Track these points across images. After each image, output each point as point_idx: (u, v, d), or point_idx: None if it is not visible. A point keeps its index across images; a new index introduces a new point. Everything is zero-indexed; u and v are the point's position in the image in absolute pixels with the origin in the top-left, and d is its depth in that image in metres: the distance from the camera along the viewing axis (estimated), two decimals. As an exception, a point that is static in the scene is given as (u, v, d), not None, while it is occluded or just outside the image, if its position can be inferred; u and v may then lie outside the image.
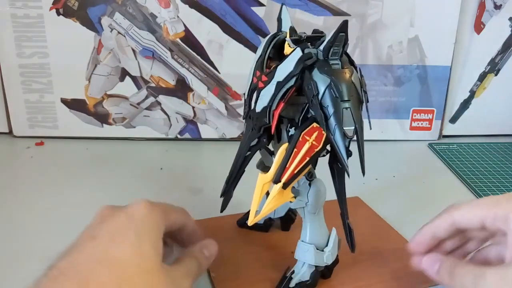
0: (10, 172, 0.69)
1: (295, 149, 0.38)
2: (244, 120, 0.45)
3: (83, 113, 0.78)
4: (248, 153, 0.42)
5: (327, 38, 0.37)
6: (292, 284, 0.43)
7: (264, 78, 0.40)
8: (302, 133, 0.38)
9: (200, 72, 0.76)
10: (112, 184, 0.65)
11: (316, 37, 0.41)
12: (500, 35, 0.79)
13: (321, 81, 0.36)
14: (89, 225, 0.37)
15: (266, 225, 0.52)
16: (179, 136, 0.80)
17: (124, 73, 0.77)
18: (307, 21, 0.74)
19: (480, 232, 0.40)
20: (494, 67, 0.81)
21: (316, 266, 0.43)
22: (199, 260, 0.40)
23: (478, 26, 0.78)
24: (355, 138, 0.36)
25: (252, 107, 0.41)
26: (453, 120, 0.84)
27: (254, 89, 0.41)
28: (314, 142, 0.38)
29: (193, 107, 0.78)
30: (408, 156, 0.77)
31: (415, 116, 0.81)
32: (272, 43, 0.41)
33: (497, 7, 0.77)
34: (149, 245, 0.35)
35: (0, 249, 0.50)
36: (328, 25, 0.75)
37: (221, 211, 0.47)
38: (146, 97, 0.78)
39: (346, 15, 0.74)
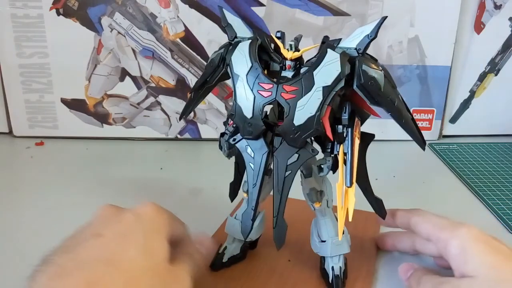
0: (10, 172, 0.69)
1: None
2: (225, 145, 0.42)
3: (83, 113, 0.78)
4: (289, 172, 0.39)
5: (364, 33, 0.37)
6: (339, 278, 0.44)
7: (289, 88, 0.37)
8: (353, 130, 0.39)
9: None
10: (112, 184, 0.65)
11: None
12: (500, 35, 0.79)
13: (377, 75, 0.37)
14: (90, 222, 0.36)
15: (244, 253, 0.48)
16: (179, 136, 0.80)
17: (124, 73, 0.76)
18: (307, 21, 0.74)
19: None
20: (494, 67, 0.81)
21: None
22: (196, 259, 0.40)
23: (478, 26, 0.78)
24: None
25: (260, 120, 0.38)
26: (453, 120, 0.84)
27: (265, 104, 0.38)
28: (358, 136, 0.39)
29: (193, 107, 0.78)
30: (408, 156, 0.77)
31: (415, 116, 0.81)
32: (256, 51, 0.39)
33: (497, 7, 0.77)
34: (156, 246, 0.35)
35: (0, 249, 0.50)
36: (328, 25, 0.75)
37: (279, 249, 0.42)
38: (146, 97, 0.78)
39: (346, 15, 0.74)
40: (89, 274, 0.30)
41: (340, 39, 0.39)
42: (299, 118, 0.37)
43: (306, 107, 0.37)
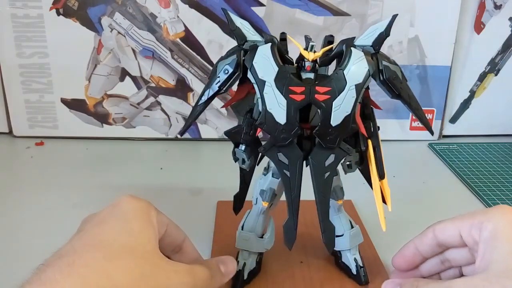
0: (10, 172, 0.69)
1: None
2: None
3: (83, 113, 0.78)
4: (328, 174, 0.38)
5: (378, 30, 0.38)
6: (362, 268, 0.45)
7: (322, 89, 0.36)
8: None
9: (200, 72, 0.76)
10: (112, 184, 0.65)
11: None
12: (500, 35, 0.79)
13: (396, 70, 0.39)
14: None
15: (259, 265, 0.46)
16: (179, 136, 0.80)
17: (124, 73, 0.76)
18: (307, 21, 0.74)
19: (461, 254, 0.39)
20: (494, 67, 0.81)
21: None
22: (213, 272, 0.37)
23: (478, 26, 0.78)
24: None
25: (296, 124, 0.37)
26: (453, 120, 0.84)
27: (299, 108, 0.37)
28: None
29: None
30: (408, 156, 0.77)
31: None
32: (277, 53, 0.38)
33: (497, 7, 0.77)
34: (138, 225, 0.34)
35: (0, 249, 0.50)
36: (328, 25, 0.75)
37: (331, 252, 0.44)
38: (146, 97, 0.78)
39: (346, 15, 0.74)
40: (67, 259, 0.30)
41: (354, 38, 0.39)
42: (336, 118, 0.37)
43: (342, 107, 0.36)
